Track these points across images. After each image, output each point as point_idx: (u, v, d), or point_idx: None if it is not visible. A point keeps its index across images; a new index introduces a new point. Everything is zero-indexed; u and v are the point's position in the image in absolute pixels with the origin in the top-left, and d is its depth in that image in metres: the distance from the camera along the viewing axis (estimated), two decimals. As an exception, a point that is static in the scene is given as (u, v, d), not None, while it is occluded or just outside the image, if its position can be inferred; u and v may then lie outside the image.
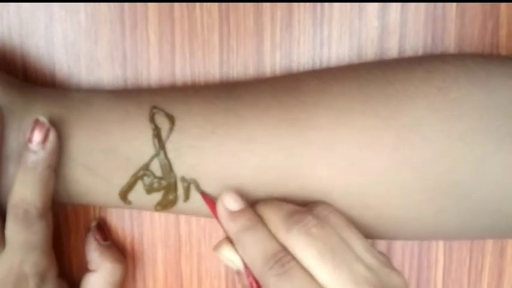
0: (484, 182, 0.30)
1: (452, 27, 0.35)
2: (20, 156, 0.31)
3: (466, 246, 0.39)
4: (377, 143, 0.30)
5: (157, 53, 0.36)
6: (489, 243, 0.39)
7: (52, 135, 0.30)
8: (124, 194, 0.33)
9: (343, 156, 0.30)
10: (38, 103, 0.32)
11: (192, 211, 0.33)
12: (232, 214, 0.30)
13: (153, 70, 0.36)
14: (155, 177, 0.32)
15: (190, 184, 0.32)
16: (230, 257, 0.31)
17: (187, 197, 0.32)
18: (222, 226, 0.31)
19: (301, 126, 0.31)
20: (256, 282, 0.29)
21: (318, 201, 0.31)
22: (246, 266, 0.30)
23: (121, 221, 0.39)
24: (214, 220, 0.38)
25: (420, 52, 0.36)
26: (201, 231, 0.39)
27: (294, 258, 0.28)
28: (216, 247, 0.31)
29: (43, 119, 0.30)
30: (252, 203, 0.31)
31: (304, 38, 0.36)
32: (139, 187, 0.32)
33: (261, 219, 0.30)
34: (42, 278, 0.33)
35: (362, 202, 0.31)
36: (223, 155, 0.31)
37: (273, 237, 0.29)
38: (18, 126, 0.31)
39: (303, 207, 0.31)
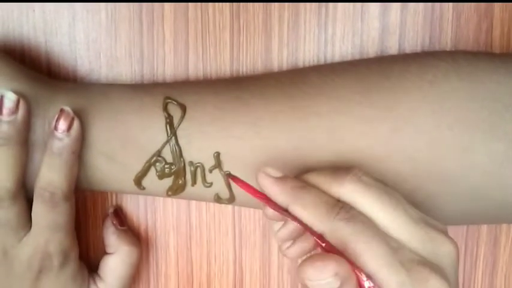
0: (472, 169, 0.32)
1: (449, 28, 0.38)
2: (45, 144, 0.33)
3: (461, 235, 0.41)
4: (373, 132, 0.32)
5: (172, 50, 0.39)
6: (483, 233, 0.41)
7: (76, 124, 0.32)
8: (138, 180, 0.35)
9: (341, 142, 0.33)
10: (60, 95, 0.34)
11: (199, 195, 0.35)
12: (279, 179, 0.30)
13: (168, 66, 0.39)
14: (166, 163, 0.34)
15: (197, 168, 0.34)
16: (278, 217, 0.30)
17: (194, 181, 0.34)
18: (269, 196, 0.30)
19: (303, 113, 0.33)
20: (319, 236, 0.28)
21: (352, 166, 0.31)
22: (304, 226, 0.29)
23: (136, 208, 0.41)
24: (223, 208, 0.40)
25: (419, 51, 0.38)
26: (211, 218, 0.41)
27: (353, 207, 0.28)
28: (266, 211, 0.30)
29: (68, 108, 0.32)
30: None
31: (310, 37, 0.38)
32: (152, 173, 0.34)
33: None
34: (65, 257, 0.35)
35: None
36: (230, 138, 0.33)
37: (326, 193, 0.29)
38: (44, 116, 0.33)
39: None
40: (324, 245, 0.28)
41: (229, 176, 0.34)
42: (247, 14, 0.38)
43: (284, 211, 0.30)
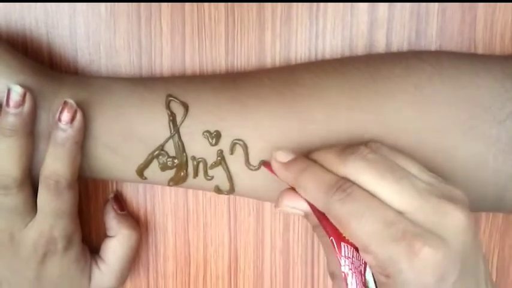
0: (453, 168, 0.34)
1: (435, 22, 0.39)
2: (49, 135, 0.34)
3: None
4: (367, 135, 0.34)
5: (169, 43, 0.40)
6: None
7: (79, 115, 0.34)
8: (141, 171, 0.36)
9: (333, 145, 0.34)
10: (64, 88, 0.36)
11: (200, 186, 0.37)
12: (286, 164, 0.32)
13: (165, 58, 0.40)
14: (169, 156, 0.36)
15: (199, 163, 0.36)
16: (292, 205, 0.32)
17: (196, 174, 0.36)
18: (281, 179, 0.32)
19: (299, 120, 0.34)
20: (323, 216, 0.30)
21: (369, 140, 0.33)
22: (311, 206, 0.31)
23: (135, 194, 0.43)
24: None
25: (405, 44, 0.39)
26: (207, 203, 0.43)
27: (354, 183, 0.29)
28: (277, 204, 0.32)
29: (71, 101, 0.34)
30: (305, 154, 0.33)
31: (302, 30, 0.40)
32: (154, 165, 0.36)
33: (314, 162, 0.31)
34: (69, 241, 0.37)
35: None
36: (230, 138, 0.35)
37: (330, 172, 0.30)
38: (49, 108, 0.35)
39: None
40: (326, 225, 0.30)
41: (264, 164, 0.35)
42: (241, 7, 0.39)
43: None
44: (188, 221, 0.43)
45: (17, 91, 0.33)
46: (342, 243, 0.30)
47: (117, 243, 0.40)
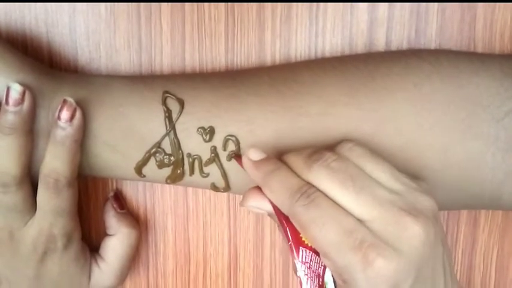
0: (449, 166, 0.34)
1: (434, 20, 0.39)
2: (49, 133, 0.34)
3: (442, 216, 0.43)
4: (357, 132, 0.34)
5: (169, 41, 0.40)
6: (464, 214, 0.43)
7: (78, 113, 0.34)
8: (139, 169, 0.36)
9: (327, 141, 0.34)
10: (64, 87, 0.36)
11: (197, 184, 0.37)
12: (256, 163, 0.32)
13: (165, 57, 0.40)
14: (165, 154, 0.36)
15: (195, 160, 0.36)
16: (256, 205, 0.32)
17: (192, 171, 0.36)
18: (250, 177, 0.33)
19: (293, 114, 0.35)
20: (286, 218, 0.31)
21: (342, 139, 0.33)
22: (274, 207, 0.31)
23: (135, 192, 0.43)
24: (218, 192, 0.42)
25: (405, 43, 0.39)
26: (207, 201, 0.43)
27: (318, 190, 0.30)
28: (242, 202, 0.33)
29: (70, 99, 0.34)
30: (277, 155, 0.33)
31: (302, 29, 0.40)
32: (152, 162, 0.36)
33: (284, 164, 0.32)
34: (68, 238, 0.37)
35: None
36: (223, 134, 0.35)
37: (297, 175, 0.31)
38: (48, 106, 0.35)
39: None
40: (288, 228, 0.31)
41: (234, 156, 0.35)
42: (241, 7, 0.39)
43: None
44: (188, 219, 0.43)
45: (16, 89, 0.33)
46: (301, 248, 0.31)
47: (116, 241, 0.40)
